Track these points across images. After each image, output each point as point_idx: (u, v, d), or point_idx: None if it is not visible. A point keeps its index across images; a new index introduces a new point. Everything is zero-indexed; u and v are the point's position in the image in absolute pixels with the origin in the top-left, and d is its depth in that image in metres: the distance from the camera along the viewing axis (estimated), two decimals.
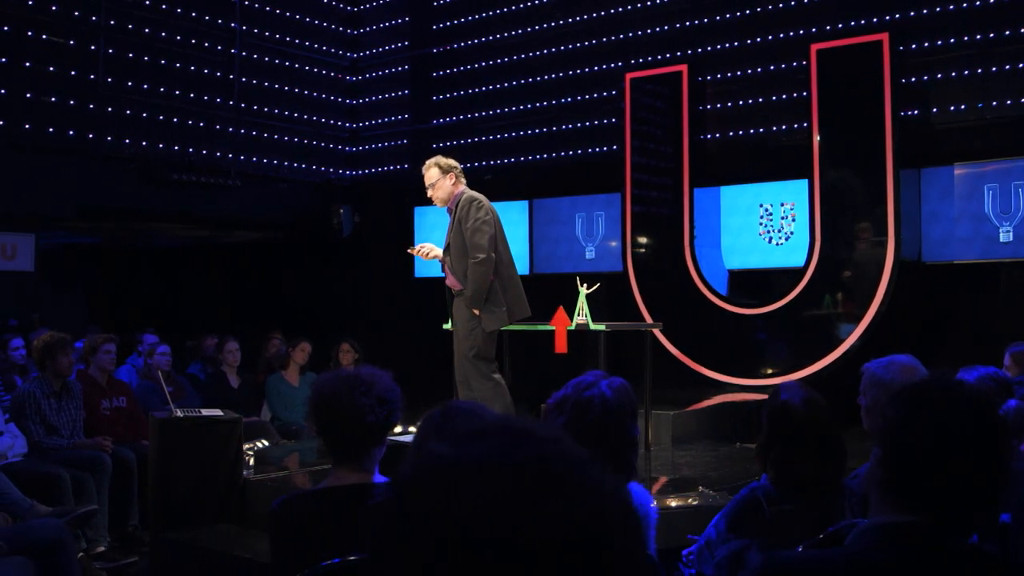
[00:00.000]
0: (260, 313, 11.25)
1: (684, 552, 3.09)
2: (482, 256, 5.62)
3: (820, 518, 2.73)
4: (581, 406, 2.53)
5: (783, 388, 2.87)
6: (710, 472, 5.56)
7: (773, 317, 8.52)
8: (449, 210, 5.92)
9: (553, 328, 5.97)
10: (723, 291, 9.14)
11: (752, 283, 9.18)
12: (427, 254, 6.05)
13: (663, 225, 9.21)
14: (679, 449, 6.40)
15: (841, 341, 8.07)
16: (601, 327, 5.85)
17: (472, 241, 5.66)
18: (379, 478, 2.52)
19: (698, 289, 8.94)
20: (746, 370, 8.61)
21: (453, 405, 2.29)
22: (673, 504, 4.51)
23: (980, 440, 1.72)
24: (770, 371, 8.54)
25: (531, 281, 10.47)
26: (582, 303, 5.92)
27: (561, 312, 5.97)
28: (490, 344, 5.75)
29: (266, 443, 6.79)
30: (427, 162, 5.95)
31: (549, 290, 10.14)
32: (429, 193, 5.91)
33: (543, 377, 9.05)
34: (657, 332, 9.10)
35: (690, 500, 4.57)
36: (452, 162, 5.93)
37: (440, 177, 5.85)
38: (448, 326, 6.10)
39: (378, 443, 2.45)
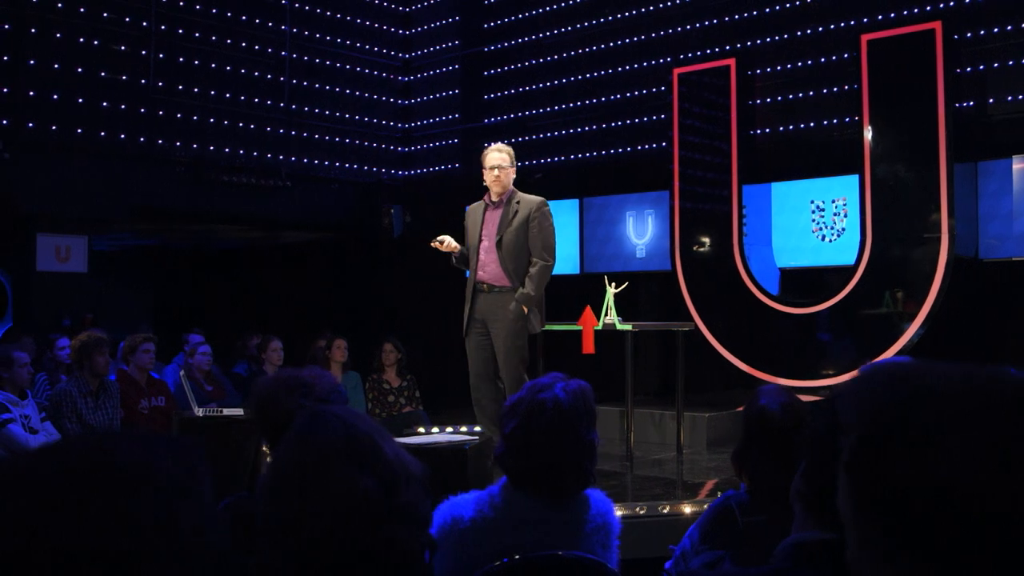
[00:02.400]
0: (312, 313, 11.34)
1: (667, 564, 2.97)
2: (552, 260, 5.81)
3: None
4: (533, 409, 2.43)
5: (762, 392, 2.73)
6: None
7: (822, 316, 8.26)
8: (499, 202, 5.87)
9: (580, 328, 5.85)
10: (775, 290, 8.92)
11: (805, 282, 8.94)
12: (448, 245, 5.99)
13: (712, 223, 9.01)
14: (713, 452, 6.24)
15: (894, 342, 7.79)
16: (628, 327, 5.71)
17: (548, 243, 5.82)
18: None
19: (746, 287, 8.73)
20: (795, 371, 8.36)
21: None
22: (687, 510, 4.37)
23: None
24: (828, 371, 8.29)
25: (581, 281, 10.38)
26: (609, 303, 5.79)
27: (589, 312, 5.85)
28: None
29: None
30: (500, 144, 5.98)
31: (599, 290, 10.05)
32: (496, 174, 5.84)
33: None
34: (706, 332, 8.94)
35: (705, 506, 4.41)
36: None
37: (510, 165, 5.91)
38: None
39: None
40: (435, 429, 6.33)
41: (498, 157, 5.89)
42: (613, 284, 5.91)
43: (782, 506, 2.66)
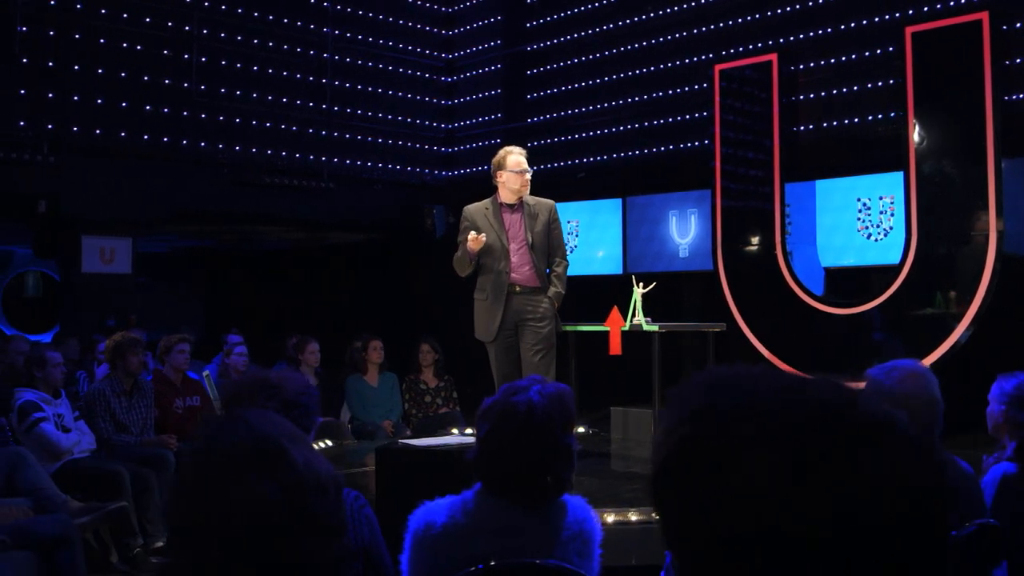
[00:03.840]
0: (356, 314, 11.38)
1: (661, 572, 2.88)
2: (568, 262, 5.98)
3: None
4: (506, 413, 2.36)
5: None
6: None
7: (866, 317, 8.05)
8: (515, 204, 5.82)
9: (608, 328, 5.76)
10: (819, 290, 8.73)
11: (850, 282, 8.73)
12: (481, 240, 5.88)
13: (754, 221, 8.85)
14: None
15: (940, 343, 7.56)
16: (655, 328, 5.61)
17: (562, 243, 5.94)
18: None
19: (789, 287, 8.55)
20: (840, 372, 8.16)
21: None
22: None
23: None
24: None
25: (624, 281, 10.25)
26: (636, 303, 5.69)
27: (616, 313, 5.75)
28: None
29: (329, 443, 6.80)
30: (522, 149, 5.98)
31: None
32: (527, 178, 5.82)
33: (607, 380, 8.82)
34: (748, 333, 8.77)
35: None
36: None
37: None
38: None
39: None
40: (468, 430, 6.30)
41: (526, 162, 5.86)
42: (641, 284, 5.80)
43: None
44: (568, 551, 2.37)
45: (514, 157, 5.82)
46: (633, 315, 5.70)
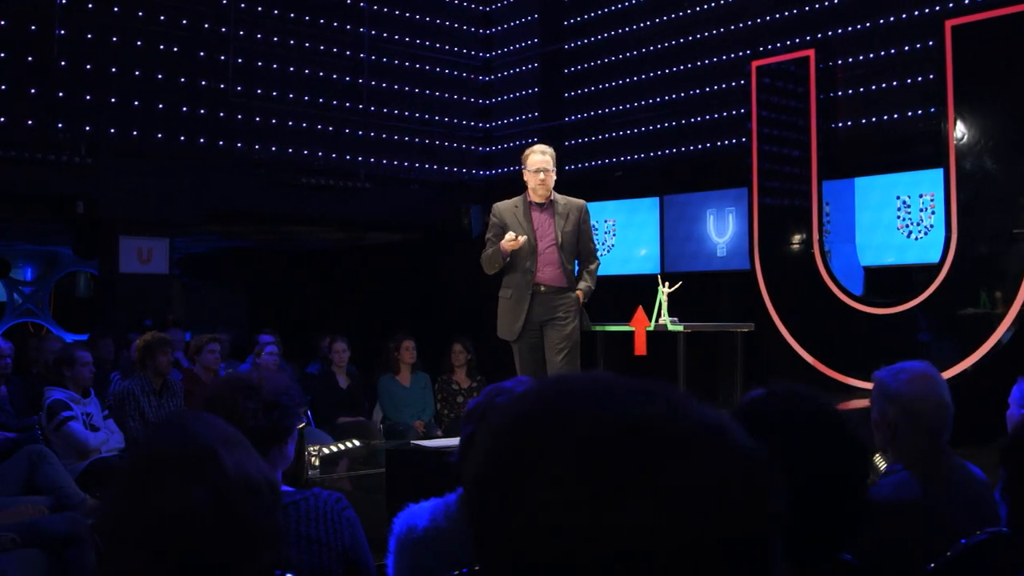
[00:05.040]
0: (394, 313, 11.39)
1: None
2: (599, 262, 5.97)
3: None
4: (488, 415, 2.31)
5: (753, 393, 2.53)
6: None
7: (905, 317, 7.87)
8: (545, 203, 5.75)
9: (633, 329, 5.68)
10: (859, 289, 8.57)
11: (890, 281, 8.55)
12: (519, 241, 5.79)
13: (791, 220, 8.70)
14: None
15: (981, 343, 7.36)
16: (679, 328, 5.52)
17: (592, 244, 5.92)
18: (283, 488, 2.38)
19: (826, 286, 8.39)
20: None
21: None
22: None
23: None
24: None
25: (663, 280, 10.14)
26: (661, 303, 5.61)
27: (640, 312, 5.67)
28: None
29: (356, 443, 6.80)
30: (543, 146, 5.88)
31: (681, 290, 9.79)
32: (541, 178, 5.69)
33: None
34: (785, 333, 8.63)
35: None
36: None
37: (553, 167, 5.79)
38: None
39: (266, 450, 2.30)
40: None
41: (542, 160, 5.74)
42: (667, 284, 5.72)
43: None
44: None
45: (534, 156, 5.75)
46: (658, 315, 5.61)
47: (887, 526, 2.60)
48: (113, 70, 9.07)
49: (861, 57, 8.62)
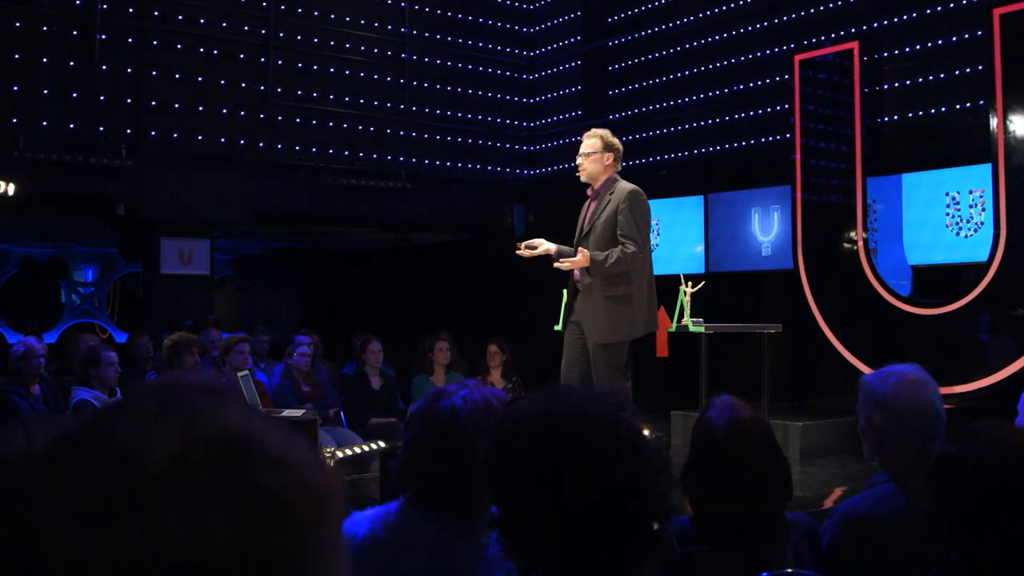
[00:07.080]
0: (437, 313, 11.35)
1: None
2: (636, 248, 5.22)
3: (745, 562, 2.27)
4: (427, 420, 2.22)
5: (713, 403, 2.41)
6: (823, 490, 4.95)
7: (952, 318, 7.58)
8: (594, 193, 5.55)
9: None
10: (907, 289, 8.29)
11: (939, 280, 8.24)
12: (536, 248, 5.66)
13: (836, 217, 8.45)
14: (803, 464, 5.78)
15: None
16: (700, 329, 5.36)
17: (631, 229, 5.28)
18: None
19: (871, 286, 8.13)
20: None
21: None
22: None
23: None
24: (963, 377, 7.59)
25: (707, 280, 9.92)
26: (683, 303, 5.45)
27: (662, 313, 5.52)
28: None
29: (383, 444, 6.75)
30: (592, 130, 5.62)
31: (726, 290, 9.58)
32: (579, 160, 5.49)
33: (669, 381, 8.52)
34: (829, 334, 8.37)
35: None
36: (617, 143, 5.58)
37: (599, 151, 5.46)
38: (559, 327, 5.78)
39: None
40: None
41: (585, 144, 5.49)
42: (690, 284, 5.56)
43: (726, 536, 2.35)
44: (493, 568, 2.21)
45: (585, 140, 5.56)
46: (680, 316, 5.46)
47: (863, 542, 2.45)
48: (154, 73, 9.18)
49: (907, 49, 8.33)
